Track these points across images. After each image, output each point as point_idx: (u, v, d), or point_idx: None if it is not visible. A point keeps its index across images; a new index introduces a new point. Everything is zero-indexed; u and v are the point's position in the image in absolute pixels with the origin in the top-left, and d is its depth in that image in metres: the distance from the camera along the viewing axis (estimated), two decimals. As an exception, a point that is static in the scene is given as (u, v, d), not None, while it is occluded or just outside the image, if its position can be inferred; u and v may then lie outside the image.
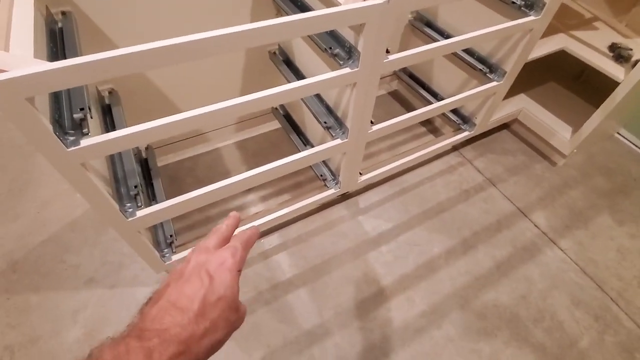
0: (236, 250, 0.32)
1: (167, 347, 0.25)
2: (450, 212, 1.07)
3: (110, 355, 0.24)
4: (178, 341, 0.26)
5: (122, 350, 0.24)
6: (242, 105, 0.59)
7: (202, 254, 0.31)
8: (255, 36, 0.51)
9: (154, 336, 0.25)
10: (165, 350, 0.25)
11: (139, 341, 0.25)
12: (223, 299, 0.29)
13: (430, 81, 1.23)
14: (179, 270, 0.31)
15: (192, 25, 0.86)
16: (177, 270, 0.31)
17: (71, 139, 0.49)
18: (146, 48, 0.44)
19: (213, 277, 0.29)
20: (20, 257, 0.91)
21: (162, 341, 0.25)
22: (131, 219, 0.62)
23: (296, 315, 0.85)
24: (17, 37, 0.48)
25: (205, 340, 0.27)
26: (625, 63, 1.00)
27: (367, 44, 0.62)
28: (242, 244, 0.33)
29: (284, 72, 0.96)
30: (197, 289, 0.28)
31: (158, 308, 0.27)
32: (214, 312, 0.28)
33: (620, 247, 1.03)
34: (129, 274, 0.89)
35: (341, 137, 0.80)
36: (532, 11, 0.83)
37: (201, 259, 0.31)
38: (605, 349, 0.84)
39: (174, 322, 0.26)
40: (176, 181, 1.08)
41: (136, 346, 0.24)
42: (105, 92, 0.84)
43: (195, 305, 0.27)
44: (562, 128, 1.16)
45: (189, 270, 0.30)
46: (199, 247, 0.33)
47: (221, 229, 0.35)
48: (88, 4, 0.73)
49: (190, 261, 0.31)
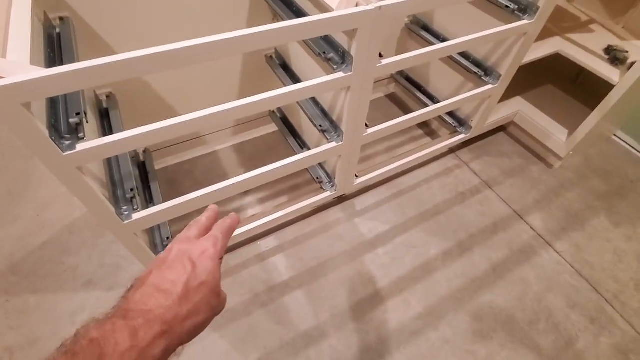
0: (217, 239, 0.33)
1: (152, 326, 0.26)
2: (447, 215, 1.07)
3: (96, 333, 0.25)
4: (162, 321, 0.27)
5: (108, 329, 0.25)
6: (239, 108, 0.60)
7: (184, 243, 0.33)
8: (250, 41, 0.52)
9: (138, 316, 0.26)
10: (150, 329, 0.26)
11: (124, 320, 0.26)
12: (205, 284, 0.30)
13: (427, 84, 1.24)
14: (161, 258, 0.32)
15: (190, 31, 0.87)
16: (159, 258, 0.32)
17: (67, 144, 0.50)
18: (142, 54, 0.45)
19: (195, 264, 0.30)
20: (19, 259, 0.92)
21: (147, 321, 0.26)
22: (127, 221, 0.63)
23: (292, 317, 0.85)
24: (14, 44, 0.49)
25: (188, 322, 0.28)
26: (620, 65, 1.01)
27: (360, 49, 0.63)
28: (222, 233, 0.34)
29: (281, 76, 0.97)
30: (181, 275, 0.29)
31: (142, 292, 0.28)
32: (197, 296, 0.29)
33: (617, 249, 1.03)
34: (127, 276, 0.90)
35: (336, 140, 0.81)
36: (526, 15, 0.84)
37: (183, 247, 0.32)
38: (601, 351, 0.85)
39: (158, 304, 0.27)
40: (175, 184, 1.09)
41: (122, 324, 0.25)
42: (103, 96, 0.85)
43: (179, 288, 0.28)
44: (558, 130, 1.16)
45: (172, 258, 0.31)
46: (180, 237, 0.34)
47: (201, 221, 0.36)
48: (86, 9, 0.74)
49: (172, 250, 0.32)
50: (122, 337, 0.25)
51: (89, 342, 0.24)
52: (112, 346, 0.24)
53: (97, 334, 0.25)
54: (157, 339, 0.26)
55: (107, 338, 0.24)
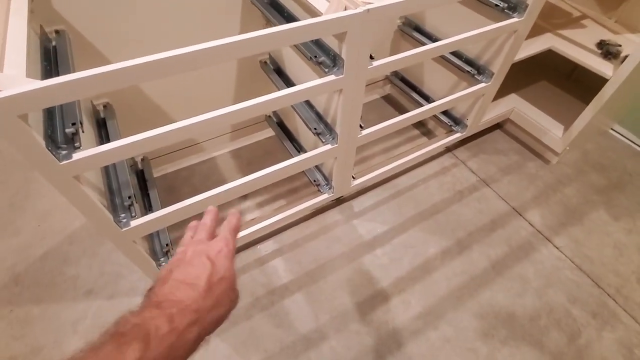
0: (227, 240, 0.35)
1: (185, 315, 0.28)
2: (445, 213, 1.07)
3: (137, 319, 0.27)
4: (192, 310, 0.29)
5: (147, 316, 0.27)
6: (233, 113, 0.60)
7: (199, 244, 0.35)
8: (243, 47, 0.53)
9: (172, 306, 0.28)
10: (184, 317, 0.28)
11: (159, 309, 0.28)
12: (225, 280, 0.32)
13: (422, 84, 1.25)
14: (178, 258, 0.34)
15: (184, 40, 0.87)
16: (176, 259, 0.34)
17: (63, 153, 0.51)
18: (134, 63, 0.46)
19: (214, 262, 0.33)
20: (21, 270, 0.93)
21: (180, 309, 0.28)
22: (125, 229, 0.64)
23: (292, 320, 0.86)
24: (10, 57, 0.50)
25: (212, 313, 0.30)
26: (614, 59, 1.01)
27: (350, 52, 0.64)
28: (230, 232, 0.37)
29: (275, 81, 0.98)
30: (202, 270, 0.31)
31: (169, 286, 0.30)
32: (218, 290, 0.31)
33: (617, 242, 1.03)
34: (127, 284, 0.90)
35: (331, 142, 0.82)
36: (515, 13, 0.84)
37: (199, 247, 0.34)
38: (604, 346, 0.84)
39: (187, 295, 0.29)
40: (173, 191, 1.10)
41: (158, 312, 0.27)
42: (100, 107, 0.86)
43: (202, 282, 0.30)
44: (554, 126, 1.17)
45: (190, 256, 0.33)
46: (192, 240, 0.36)
47: (207, 223, 0.38)
48: (81, 22, 0.75)
49: (187, 251, 0.34)
50: (160, 322, 0.27)
51: (133, 325, 0.26)
52: (154, 329, 0.26)
53: (138, 320, 0.27)
54: (191, 326, 0.28)
55: (148, 323, 0.26)
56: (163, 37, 0.86)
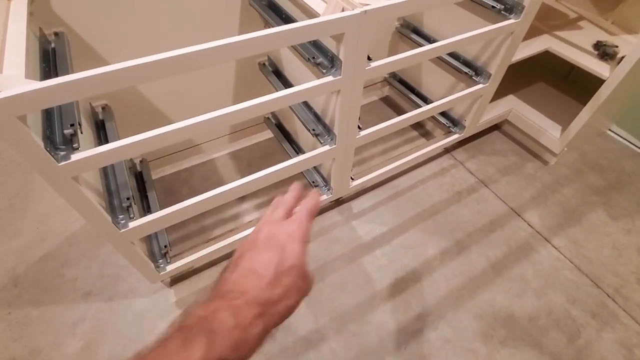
0: (302, 222, 0.33)
1: (251, 307, 0.27)
2: (444, 214, 1.07)
3: (203, 312, 0.27)
4: (258, 303, 0.28)
5: (213, 309, 0.27)
6: (231, 114, 0.61)
7: (272, 226, 0.33)
8: (241, 48, 0.53)
9: (237, 297, 0.27)
10: (250, 310, 0.27)
11: (225, 301, 0.27)
12: (294, 268, 0.30)
13: (420, 86, 1.25)
14: (251, 241, 0.33)
15: (182, 42, 0.88)
16: (249, 241, 0.33)
17: (62, 154, 0.51)
18: (131, 64, 0.46)
19: (284, 247, 0.31)
20: (21, 272, 0.92)
21: (246, 302, 0.27)
22: (124, 230, 0.64)
23: (291, 322, 0.86)
24: (10, 59, 0.50)
25: (279, 305, 0.29)
26: (610, 60, 1.02)
27: (347, 53, 0.64)
28: (306, 215, 0.34)
29: (273, 82, 0.98)
30: (270, 258, 0.30)
31: (237, 274, 0.30)
32: (286, 279, 0.30)
33: (616, 242, 1.03)
34: (126, 286, 0.90)
35: (330, 143, 0.82)
36: (512, 14, 0.85)
37: (272, 230, 0.33)
38: (604, 346, 0.84)
39: (254, 285, 0.28)
40: (173, 192, 1.10)
41: (224, 305, 0.27)
42: (98, 108, 0.86)
43: (270, 271, 0.29)
44: (551, 127, 1.17)
45: (261, 240, 0.32)
46: (268, 219, 0.35)
47: (287, 201, 0.36)
48: (80, 24, 0.76)
49: (260, 232, 0.33)
50: (226, 316, 0.26)
51: (199, 318, 0.26)
52: (219, 323, 0.26)
53: (204, 313, 0.26)
54: (256, 320, 0.27)
55: (213, 316, 0.26)
56: (162, 39, 0.86)
